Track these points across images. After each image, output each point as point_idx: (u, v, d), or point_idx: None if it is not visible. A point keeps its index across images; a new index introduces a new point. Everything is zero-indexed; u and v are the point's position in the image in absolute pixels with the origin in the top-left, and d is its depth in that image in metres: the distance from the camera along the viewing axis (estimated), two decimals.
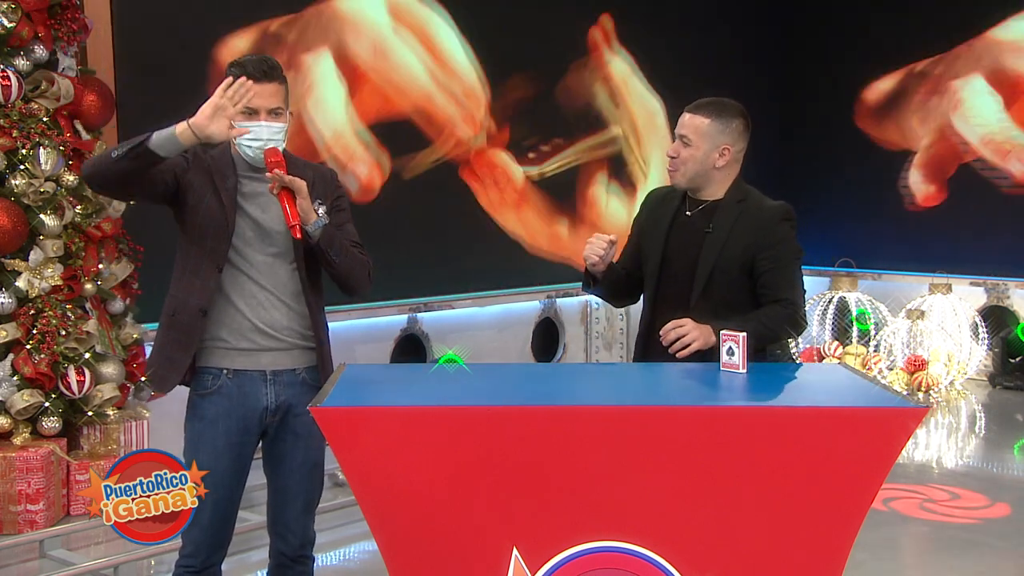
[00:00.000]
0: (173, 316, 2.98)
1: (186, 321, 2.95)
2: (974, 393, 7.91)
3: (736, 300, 3.07)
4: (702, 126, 3.11)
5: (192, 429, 3.02)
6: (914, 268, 8.60)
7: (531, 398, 2.61)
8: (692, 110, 3.15)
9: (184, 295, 2.96)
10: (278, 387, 3.01)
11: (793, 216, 3.16)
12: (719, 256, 3.08)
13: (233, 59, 3.01)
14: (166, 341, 3.01)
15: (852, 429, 2.38)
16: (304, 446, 3.06)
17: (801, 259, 3.16)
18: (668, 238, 3.19)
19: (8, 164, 4.51)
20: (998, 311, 8.31)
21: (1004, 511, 5.18)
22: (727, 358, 2.73)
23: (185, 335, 2.96)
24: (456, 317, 7.02)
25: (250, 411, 2.99)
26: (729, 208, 3.14)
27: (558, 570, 2.35)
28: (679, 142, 3.15)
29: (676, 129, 3.17)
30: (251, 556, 4.52)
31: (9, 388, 4.46)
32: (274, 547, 3.15)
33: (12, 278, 4.51)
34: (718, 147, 3.12)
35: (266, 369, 2.99)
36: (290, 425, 3.04)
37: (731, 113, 3.14)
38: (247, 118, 2.88)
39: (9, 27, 4.52)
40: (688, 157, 3.12)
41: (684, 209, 3.22)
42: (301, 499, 3.11)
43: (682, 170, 3.15)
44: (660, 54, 8.22)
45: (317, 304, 3.06)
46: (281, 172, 2.87)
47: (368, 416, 2.39)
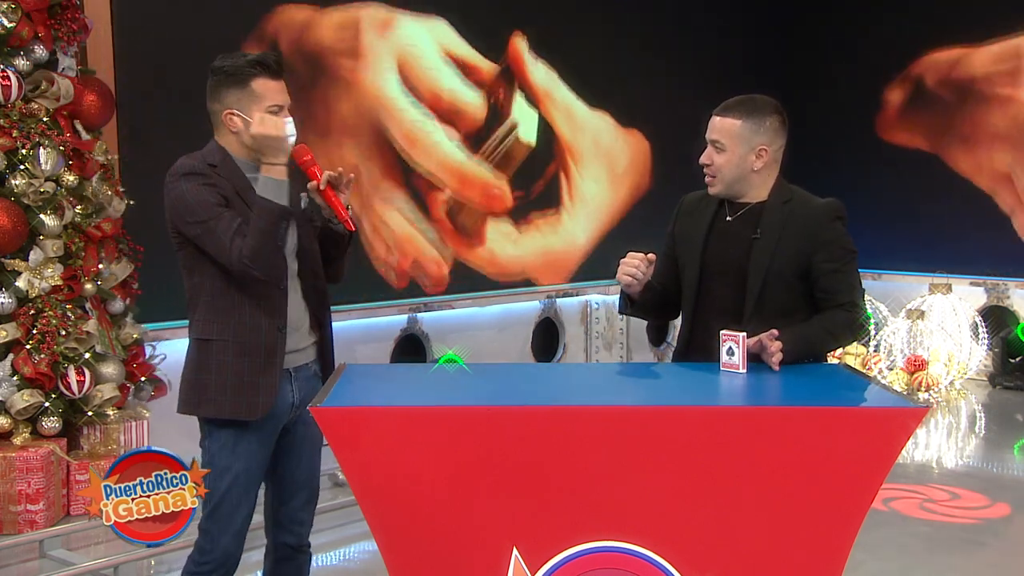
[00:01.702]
0: (244, 342, 2.87)
1: (266, 341, 2.88)
2: (974, 393, 7.91)
3: (792, 307, 2.89)
4: (734, 128, 2.91)
5: (223, 437, 2.91)
6: (914, 268, 8.59)
7: (531, 398, 2.61)
8: (721, 112, 2.95)
9: (251, 317, 2.87)
10: (299, 382, 3.00)
11: (844, 213, 2.96)
12: (771, 262, 2.89)
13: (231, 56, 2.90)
14: (241, 366, 2.86)
15: (852, 429, 2.38)
16: (312, 436, 3.07)
17: (857, 257, 2.96)
18: (707, 246, 3.00)
19: (8, 164, 4.51)
20: (998, 311, 8.31)
21: (1004, 511, 5.17)
22: (727, 358, 2.72)
23: (269, 354, 2.88)
24: (456, 317, 7.02)
25: (280, 412, 2.97)
26: (775, 210, 2.94)
27: (558, 570, 2.35)
28: (711, 148, 2.95)
29: (706, 134, 2.97)
30: (251, 556, 4.50)
31: (9, 388, 4.46)
32: (277, 540, 3.10)
33: (12, 278, 4.51)
34: (754, 149, 2.92)
35: (290, 367, 2.98)
36: (302, 417, 3.01)
37: (764, 110, 2.94)
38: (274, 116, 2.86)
39: (9, 27, 4.52)
40: (723, 163, 2.93)
41: (724, 214, 3.02)
42: (308, 489, 3.12)
43: (719, 177, 2.95)
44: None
45: (328, 296, 3.07)
46: (328, 171, 2.88)
47: (368, 416, 2.39)
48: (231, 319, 2.87)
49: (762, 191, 2.99)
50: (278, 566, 3.13)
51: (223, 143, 2.91)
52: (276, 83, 2.87)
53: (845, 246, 2.94)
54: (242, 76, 2.84)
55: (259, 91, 2.85)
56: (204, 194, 2.80)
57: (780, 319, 2.84)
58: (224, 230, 2.78)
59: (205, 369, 2.89)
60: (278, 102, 2.86)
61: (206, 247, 2.82)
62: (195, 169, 2.84)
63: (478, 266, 7.19)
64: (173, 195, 2.85)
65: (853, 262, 2.95)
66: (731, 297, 2.95)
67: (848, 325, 2.91)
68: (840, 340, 2.98)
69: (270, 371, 2.88)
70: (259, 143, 2.82)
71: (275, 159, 2.83)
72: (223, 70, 2.87)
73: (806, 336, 2.85)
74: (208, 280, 2.88)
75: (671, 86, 8.24)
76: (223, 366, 2.87)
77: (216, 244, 2.79)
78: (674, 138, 7.74)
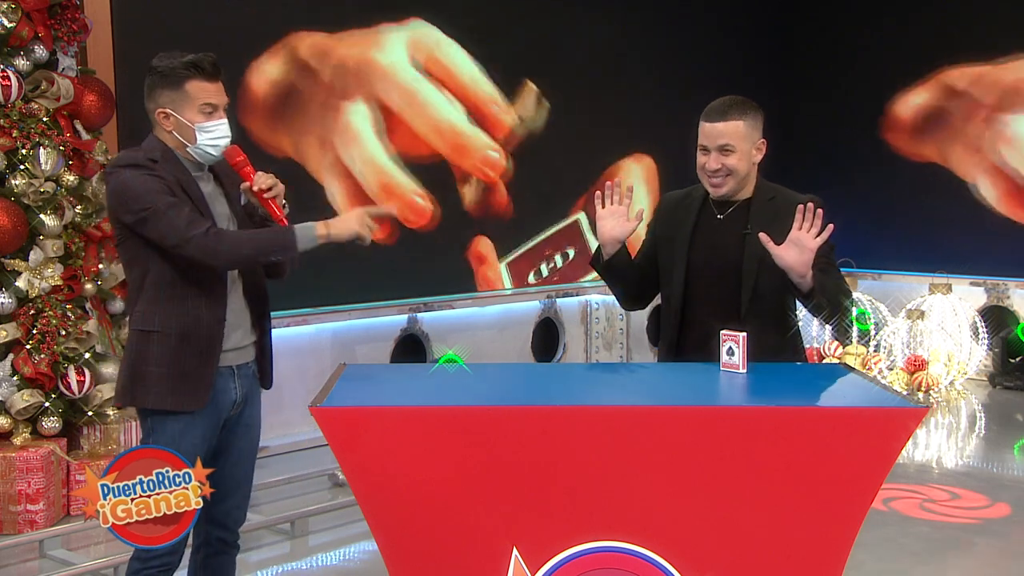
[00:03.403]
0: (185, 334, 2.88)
1: (206, 335, 2.90)
2: (974, 393, 7.90)
3: (785, 301, 2.95)
4: (739, 129, 2.99)
5: (167, 429, 2.90)
6: (914, 268, 8.59)
7: (531, 398, 2.61)
8: (720, 117, 3.00)
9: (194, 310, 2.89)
10: (241, 380, 3.02)
11: (824, 208, 3.00)
12: (764, 256, 2.92)
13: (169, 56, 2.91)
14: (180, 359, 2.88)
15: (852, 429, 2.38)
16: (251, 436, 3.11)
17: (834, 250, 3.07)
18: (693, 243, 3.06)
19: (8, 164, 4.51)
20: (998, 311, 8.30)
21: (1004, 511, 5.17)
22: (727, 358, 2.72)
23: (209, 348, 2.90)
24: (456, 317, 7.02)
25: (222, 407, 2.98)
26: (762, 206, 3.05)
27: (558, 570, 2.35)
28: (718, 154, 3.00)
29: (705, 142, 3.02)
30: (251, 556, 4.51)
31: (9, 388, 4.46)
32: (210, 535, 3.08)
33: (12, 278, 4.51)
34: (755, 144, 3.04)
35: (232, 364, 2.99)
36: (244, 416, 3.05)
37: (753, 107, 3.05)
38: (207, 117, 2.89)
39: (9, 27, 4.52)
40: (736, 164, 3.00)
41: (711, 213, 3.09)
42: (245, 486, 3.14)
43: (732, 176, 3.01)
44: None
45: (267, 296, 3.09)
46: (261, 173, 2.94)
47: (368, 416, 2.39)
48: (173, 311, 2.87)
49: (749, 188, 3.10)
50: (210, 560, 3.12)
51: (162, 138, 2.93)
52: (212, 84, 2.90)
53: (828, 240, 3.00)
54: (176, 77, 2.87)
55: (192, 92, 2.87)
56: (150, 183, 2.82)
57: (775, 313, 2.94)
58: (177, 214, 2.79)
59: (146, 360, 2.88)
60: (211, 102, 2.89)
61: (153, 233, 2.81)
62: (137, 161, 2.86)
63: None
64: (115, 185, 2.86)
65: (833, 253, 3.06)
66: (725, 294, 3.00)
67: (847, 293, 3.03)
68: (845, 307, 3.02)
69: (210, 363, 2.90)
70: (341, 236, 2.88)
71: (343, 236, 2.88)
72: (158, 70, 2.90)
73: (829, 284, 2.92)
74: (152, 271, 2.88)
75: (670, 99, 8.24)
76: (164, 357, 2.86)
77: (168, 227, 2.79)
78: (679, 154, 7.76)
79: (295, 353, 6.06)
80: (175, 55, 2.90)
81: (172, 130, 2.90)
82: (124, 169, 2.85)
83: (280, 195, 2.98)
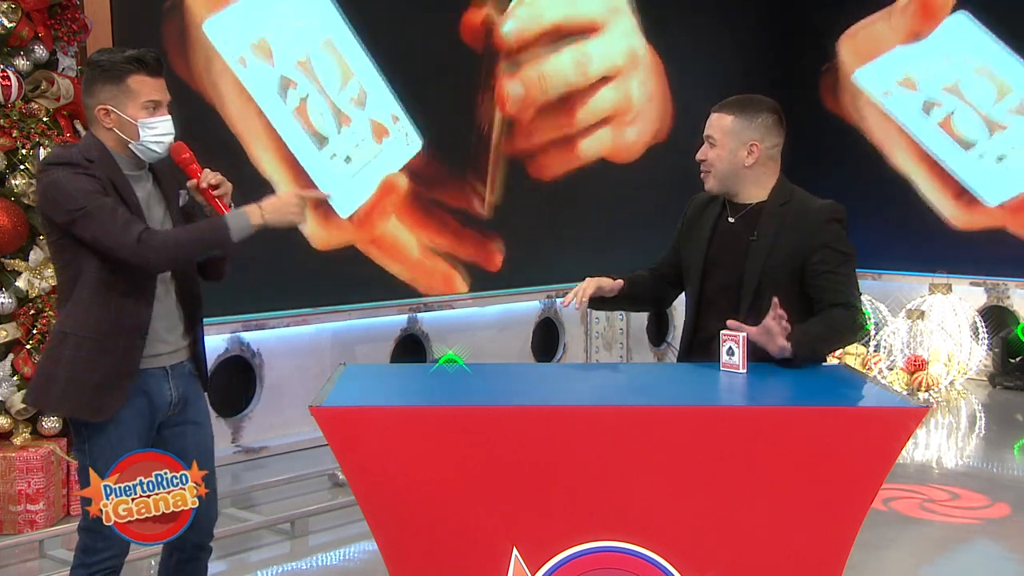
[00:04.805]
0: (102, 341, 2.80)
1: (123, 344, 2.82)
2: (974, 393, 7.91)
3: (788, 308, 2.85)
4: (725, 123, 2.97)
5: (103, 436, 2.84)
6: (914, 268, 8.59)
7: (531, 398, 2.61)
8: (717, 109, 3.02)
9: (115, 316, 2.82)
10: (176, 380, 2.97)
11: (843, 215, 2.97)
12: (764, 264, 2.92)
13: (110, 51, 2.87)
14: (94, 366, 2.80)
15: (852, 429, 2.38)
16: (203, 434, 3.06)
17: (855, 260, 2.97)
18: (710, 246, 3.04)
19: (8, 164, 4.51)
20: (998, 311, 8.30)
21: (1004, 511, 5.17)
22: (727, 358, 2.72)
23: (125, 358, 2.83)
24: (456, 317, 7.02)
25: (157, 408, 2.93)
26: (773, 212, 2.97)
27: (558, 570, 2.35)
28: (706, 144, 3.01)
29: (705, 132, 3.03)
30: (251, 556, 4.52)
31: (9, 388, 4.47)
32: (185, 541, 2.95)
33: (12, 278, 4.51)
34: (744, 144, 2.95)
35: (166, 365, 2.94)
36: (190, 415, 3.01)
37: (757, 107, 2.98)
38: (150, 113, 2.84)
39: (9, 27, 4.52)
40: (715, 158, 2.98)
41: (726, 215, 3.05)
42: (210, 485, 3.08)
43: (712, 172, 3.00)
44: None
45: (201, 297, 3.04)
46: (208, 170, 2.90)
47: (368, 416, 2.39)
48: (93, 315, 2.81)
49: (761, 191, 3.00)
50: (183, 566, 3.08)
51: (100, 136, 2.87)
52: (154, 80, 2.85)
53: (841, 248, 2.93)
54: (118, 72, 2.82)
55: (135, 88, 2.82)
56: (83, 182, 2.75)
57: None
58: (110, 217, 2.73)
59: (57, 362, 2.83)
60: (155, 98, 2.85)
61: (86, 234, 2.75)
62: (71, 159, 2.80)
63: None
64: (47, 184, 2.79)
65: (849, 264, 2.95)
66: (729, 299, 2.96)
67: (849, 324, 2.90)
68: (843, 338, 2.96)
69: (126, 373, 2.83)
70: (275, 221, 2.85)
71: (277, 221, 2.86)
72: (99, 65, 2.85)
73: (813, 333, 2.84)
74: (84, 274, 2.81)
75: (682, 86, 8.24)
76: (76, 363, 2.80)
77: (101, 229, 2.73)
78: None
79: (295, 353, 6.06)
80: (116, 50, 2.85)
81: (113, 127, 2.84)
82: (57, 168, 2.79)
83: (228, 193, 2.93)
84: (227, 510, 4.76)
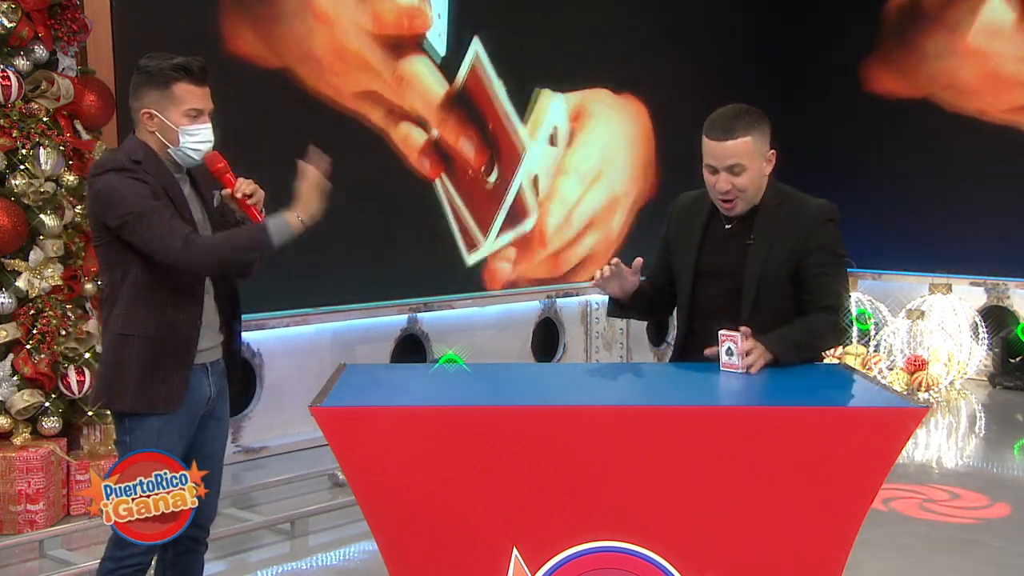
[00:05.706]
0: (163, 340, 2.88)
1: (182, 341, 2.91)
2: (974, 393, 7.91)
3: (787, 311, 2.87)
4: (748, 146, 2.87)
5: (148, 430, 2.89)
6: (914, 268, 8.59)
7: (531, 398, 2.61)
8: (725, 135, 2.86)
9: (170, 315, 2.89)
10: (214, 376, 3.03)
11: (836, 215, 2.96)
12: (764, 268, 2.90)
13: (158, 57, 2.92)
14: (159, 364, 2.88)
15: (852, 429, 2.38)
16: (221, 431, 3.12)
17: (847, 261, 2.97)
18: (702, 251, 3.00)
19: (8, 164, 4.51)
20: (998, 311, 8.31)
21: (1004, 511, 5.17)
22: (727, 358, 2.72)
23: (184, 354, 2.91)
24: (456, 317, 7.02)
25: (198, 404, 2.99)
26: (768, 214, 2.95)
27: (558, 570, 2.35)
28: (726, 174, 2.87)
29: (712, 162, 2.89)
30: (251, 556, 4.52)
31: (9, 388, 4.47)
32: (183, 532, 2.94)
33: (12, 278, 4.51)
34: (765, 156, 2.92)
35: (206, 362, 3.00)
36: (216, 412, 3.06)
37: (759, 118, 2.93)
38: (192, 121, 2.89)
39: (9, 27, 4.52)
40: (748, 183, 2.89)
41: (719, 219, 3.01)
42: (217, 482, 3.13)
43: (743, 197, 2.91)
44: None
45: (238, 296, 3.09)
46: (242, 179, 2.95)
47: (368, 416, 2.39)
48: (151, 315, 2.88)
49: (759, 195, 2.99)
50: (179, 559, 3.11)
51: (144, 139, 2.93)
52: (199, 89, 2.91)
53: (835, 250, 2.94)
54: (164, 78, 2.88)
55: (179, 95, 2.88)
56: (136, 187, 2.82)
57: (776, 324, 2.85)
58: (159, 220, 2.79)
59: (123, 364, 2.88)
60: (197, 107, 2.90)
61: (135, 238, 2.82)
62: (122, 164, 2.86)
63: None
64: (100, 188, 2.85)
65: (841, 266, 2.96)
66: (728, 302, 2.95)
67: (831, 328, 2.91)
68: (823, 343, 2.96)
69: (185, 366, 2.91)
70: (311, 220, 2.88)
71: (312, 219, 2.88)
72: (146, 70, 2.91)
73: (789, 338, 2.83)
74: (131, 275, 2.88)
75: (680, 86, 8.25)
76: (143, 361, 2.87)
77: (150, 232, 2.79)
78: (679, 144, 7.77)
79: (295, 353, 6.06)
80: (164, 56, 2.91)
81: (155, 131, 2.90)
82: (109, 173, 2.85)
83: (260, 201, 2.98)
84: (227, 510, 4.76)
